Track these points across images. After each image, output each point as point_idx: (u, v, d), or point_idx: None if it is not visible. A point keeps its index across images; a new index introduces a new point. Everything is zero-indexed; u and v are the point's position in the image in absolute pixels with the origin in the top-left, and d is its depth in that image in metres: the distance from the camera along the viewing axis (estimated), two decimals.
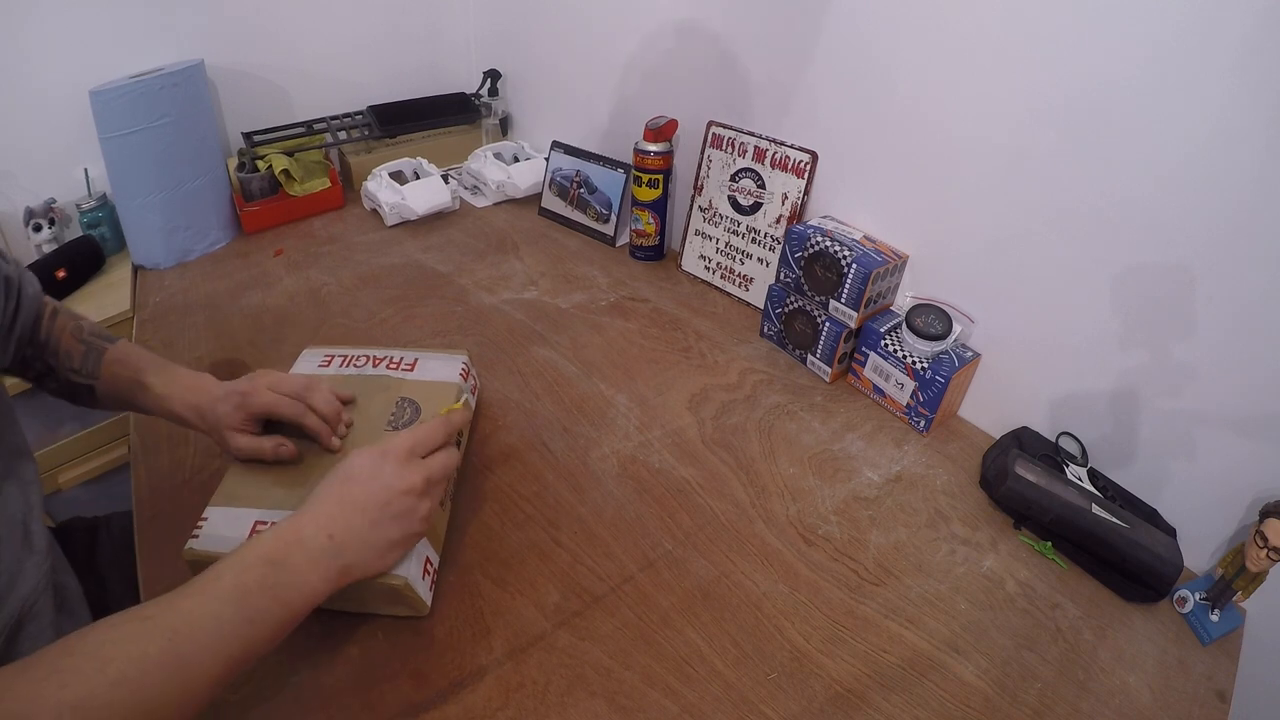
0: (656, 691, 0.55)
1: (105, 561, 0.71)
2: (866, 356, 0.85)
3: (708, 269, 1.09)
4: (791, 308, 0.91)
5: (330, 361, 0.73)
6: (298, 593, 0.46)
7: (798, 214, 0.95)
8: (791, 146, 0.94)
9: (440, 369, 0.72)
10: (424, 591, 0.57)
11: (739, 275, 1.05)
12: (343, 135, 1.33)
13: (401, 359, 0.73)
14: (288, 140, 1.27)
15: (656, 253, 1.16)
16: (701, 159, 1.05)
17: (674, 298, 1.06)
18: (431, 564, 0.59)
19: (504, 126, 1.52)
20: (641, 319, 1.00)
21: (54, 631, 0.53)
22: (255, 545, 0.46)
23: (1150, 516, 0.70)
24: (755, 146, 0.98)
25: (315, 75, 1.35)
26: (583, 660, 0.56)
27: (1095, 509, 0.66)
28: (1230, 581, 0.62)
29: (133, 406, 0.65)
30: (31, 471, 0.56)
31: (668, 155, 1.07)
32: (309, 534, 0.48)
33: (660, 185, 1.09)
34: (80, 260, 1.09)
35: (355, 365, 0.72)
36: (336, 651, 0.56)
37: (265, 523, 0.56)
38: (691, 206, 1.09)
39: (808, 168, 0.93)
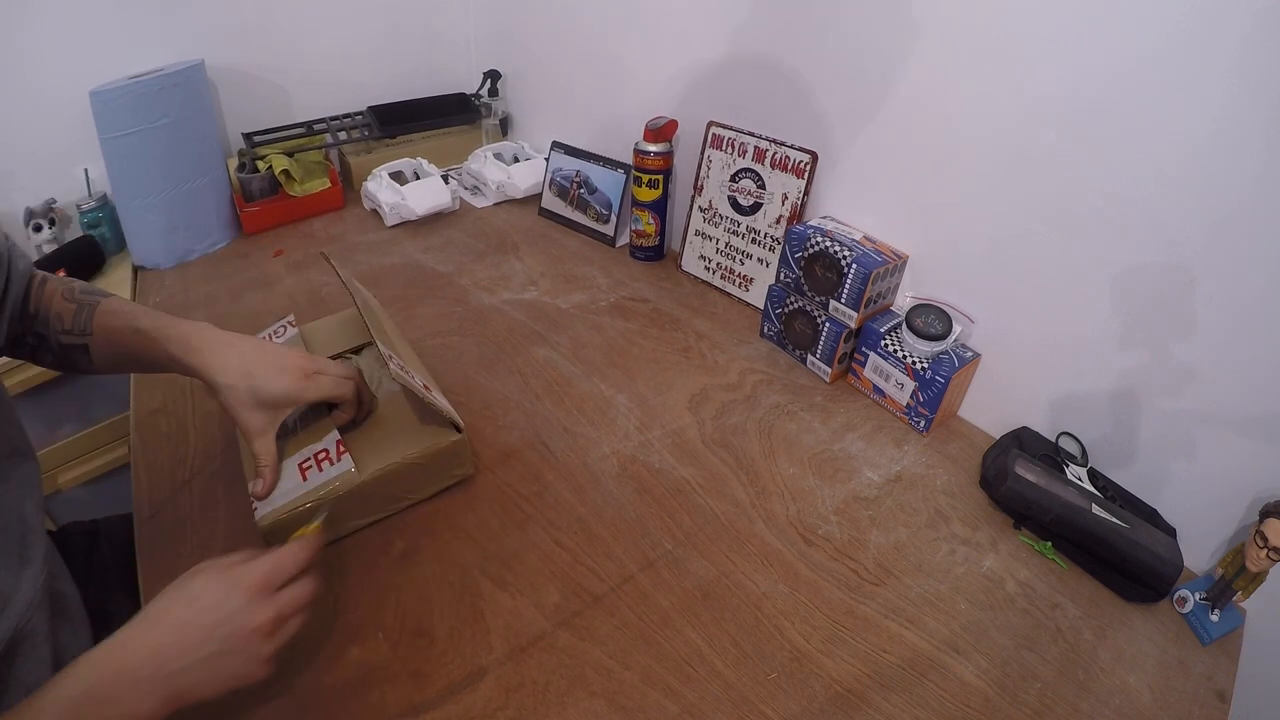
0: (656, 691, 0.55)
1: (105, 567, 0.69)
2: (866, 356, 0.85)
3: (708, 269, 1.09)
4: (791, 308, 0.91)
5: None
6: None
7: (798, 214, 0.95)
8: (791, 147, 0.94)
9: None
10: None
11: (739, 275, 1.05)
12: (343, 135, 1.33)
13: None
14: (288, 141, 1.27)
15: (656, 253, 1.16)
16: (701, 159, 1.05)
17: (674, 298, 1.06)
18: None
19: (504, 127, 1.52)
20: (641, 319, 1.00)
21: (51, 644, 0.51)
22: (76, 679, 0.42)
23: (1150, 516, 0.70)
24: (755, 147, 0.98)
25: (315, 75, 1.35)
26: (583, 660, 0.56)
27: (1095, 509, 0.66)
28: (1230, 581, 0.62)
29: (132, 359, 0.62)
30: (31, 472, 0.56)
31: (668, 155, 1.07)
32: (136, 664, 0.43)
33: (660, 185, 1.09)
34: (80, 260, 1.09)
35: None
36: (336, 651, 0.56)
37: (308, 460, 0.61)
38: (691, 207, 1.09)
39: (808, 168, 0.93)
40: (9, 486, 0.53)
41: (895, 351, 0.82)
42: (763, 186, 0.98)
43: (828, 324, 0.87)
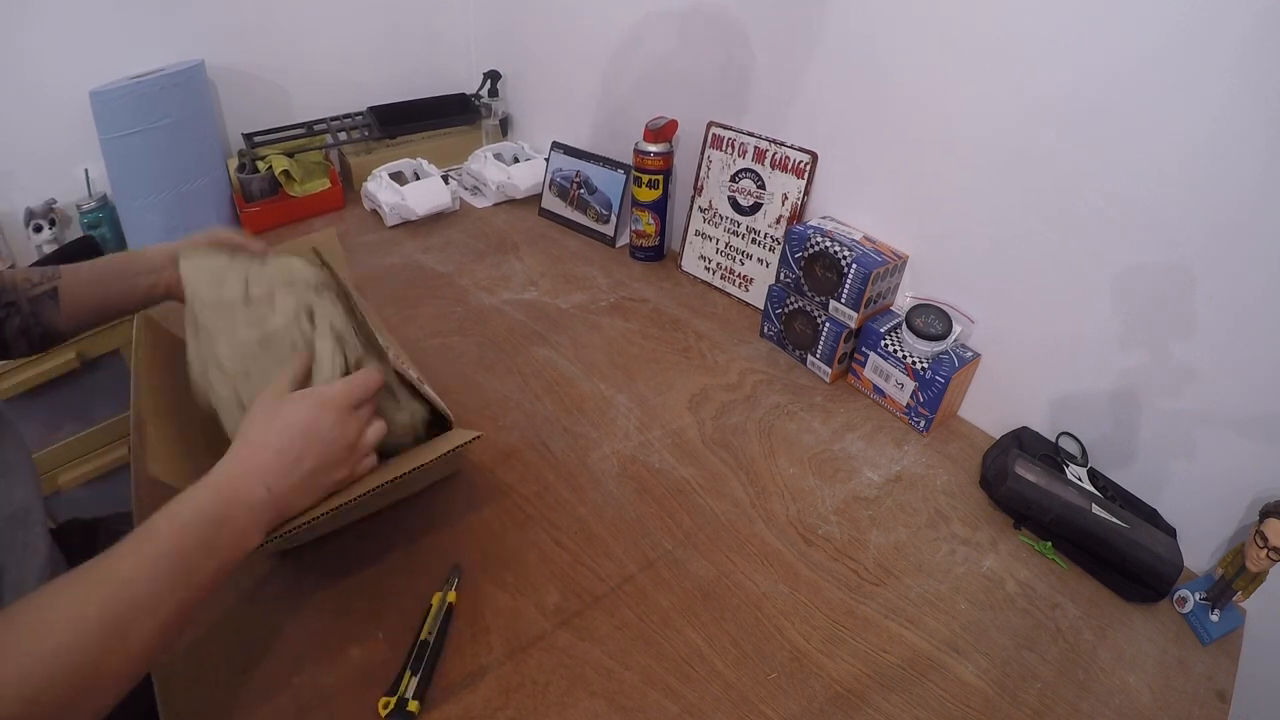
0: (656, 691, 0.55)
1: None
2: (866, 356, 0.85)
3: (708, 269, 1.09)
4: (791, 308, 0.91)
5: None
6: (235, 547, 0.46)
7: (798, 214, 0.95)
8: (791, 147, 0.94)
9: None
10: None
11: (739, 275, 1.05)
12: (343, 136, 1.33)
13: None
14: (288, 141, 1.27)
15: (656, 253, 1.16)
16: (701, 159, 1.05)
17: (674, 298, 1.06)
18: None
19: (504, 127, 1.52)
20: (641, 319, 1.00)
21: None
22: (193, 501, 0.46)
23: (1150, 516, 0.70)
24: (755, 147, 0.98)
25: (315, 76, 1.35)
26: (583, 660, 0.56)
27: (1095, 509, 0.66)
28: (1230, 581, 0.62)
29: (100, 286, 0.65)
30: (29, 474, 0.56)
31: (668, 156, 1.08)
32: (247, 488, 0.48)
33: (660, 186, 1.09)
34: (80, 260, 1.09)
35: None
36: (336, 651, 0.56)
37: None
38: (691, 207, 1.09)
39: (808, 168, 0.93)
40: (12, 485, 0.53)
41: (895, 351, 0.82)
42: (763, 186, 0.98)
43: (828, 324, 0.87)
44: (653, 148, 1.06)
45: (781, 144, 0.95)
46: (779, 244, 0.98)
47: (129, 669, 0.40)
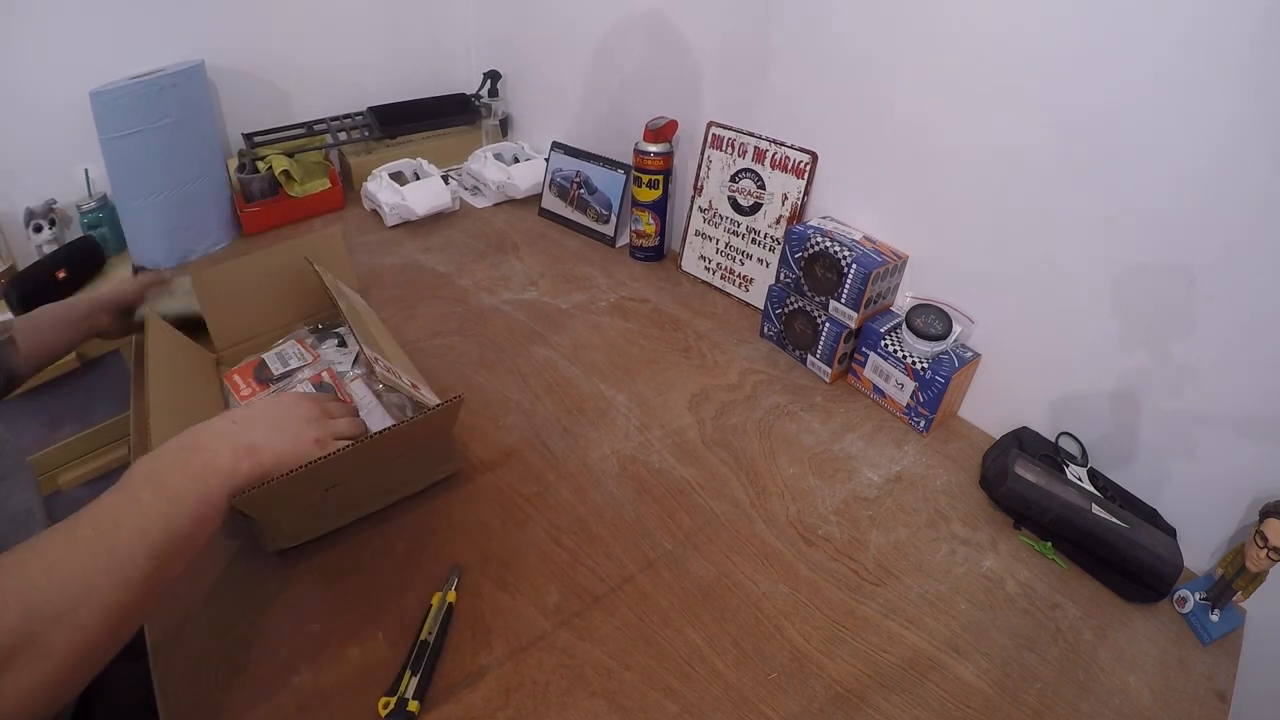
0: (656, 691, 0.55)
1: None
2: (866, 357, 0.85)
3: (708, 269, 1.09)
4: (791, 308, 0.91)
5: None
6: (209, 468, 0.48)
7: (798, 214, 0.95)
8: (791, 147, 0.94)
9: None
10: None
11: (739, 276, 1.05)
12: (343, 136, 1.33)
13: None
14: (288, 141, 1.27)
15: (656, 253, 1.16)
16: (701, 160, 1.05)
17: (674, 298, 1.06)
18: None
19: (504, 127, 1.52)
20: (641, 319, 1.00)
21: None
22: (165, 440, 0.50)
23: (1150, 516, 0.70)
24: (755, 147, 0.98)
25: (315, 76, 1.35)
26: (583, 660, 0.56)
27: (1095, 509, 0.66)
28: (1230, 581, 0.62)
29: (56, 324, 0.76)
30: (28, 476, 0.57)
31: (668, 156, 1.08)
32: (217, 424, 0.53)
33: (660, 186, 1.09)
34: (80, 261, 1.09)
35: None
36: (336, 652, 0.56)
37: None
38: (691, 207, 1.09)
39: (808, 168, 0.93)
40: (13, 487, 0.54)
41: (895, 351, 0.82)
42: (763, 187, 0.98)
43: (828, 324, 0.87)
44: (653, 148, 1.06)
45: (781, 144, 0.95)
46: (779, 244, 0.98)
47: (126, 597, 0.40)
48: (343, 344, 0.84)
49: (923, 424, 0.82)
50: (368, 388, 0.76)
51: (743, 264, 1.04)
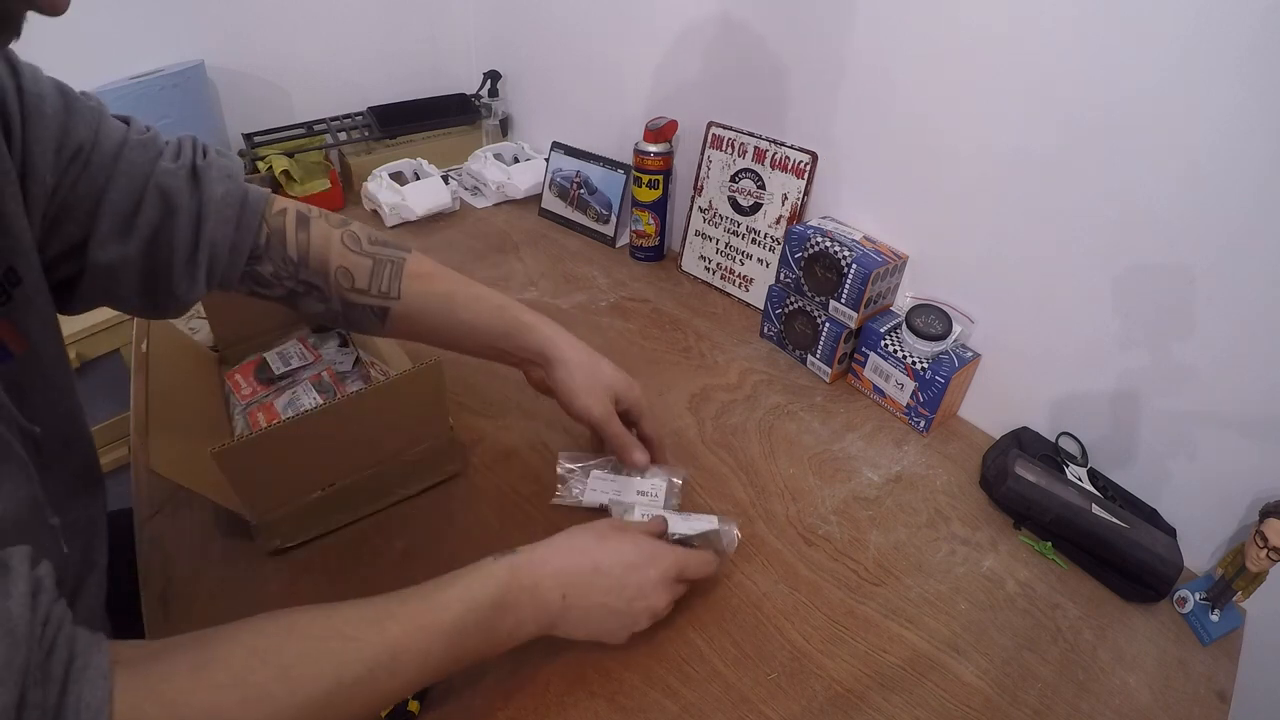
0: (656, 691, 0.55)
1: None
2: (866, 357, 0.85)
3: (708, 269, 1.10)
4: (791, 308, 0.91)
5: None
6: (510, 638, 0.45)
7: (798, 214, 0.95)
8: (791, 147, 0.94)
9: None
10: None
11: (739, 276, 1.05)
12: (343, 136, 1.33)
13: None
14: (288, 141, 1.27)
15: (656, 253, 1.16)
16: (701, 160, 1.05)
17: (674, 298, 1.06)
18: None
19: (504, 127, 1.52)
20: (642, 319, 1.00)
21: None
22: (489, 581, 0.44)
23: (1150, 516, 0.70)
24: (755, 147, 0.98)
25: (315, 76, 1.35)
26: (583, 660, 0.56)
27: (1095, 509, 0.66)
28: (1230, 581, 0.62)
29: (443, 328, 0.61)
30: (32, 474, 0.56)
31: (668, 156, 1.08)
32: (546, 587, 0.46)
33: (660, 186, 1.09)
34: None
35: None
36: None
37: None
38: (691, 207, 1.09)
39: (808, 168, 0.93)
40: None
41: (895, 351, 0.82)
42: (763, 187, 0.98)
43: (828, 324, 0.87)
44: (653, 148, 1.06)
45: (781, 144, 0.95)
46: (779, 244, 0.98)
47: (358, 711, 0.39)
48: (345, 344, 0.84)
49: (923, 424, 0.82)
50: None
51: (743, 264, 1.04)
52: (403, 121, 1.40)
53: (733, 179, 1.02)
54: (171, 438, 0.59)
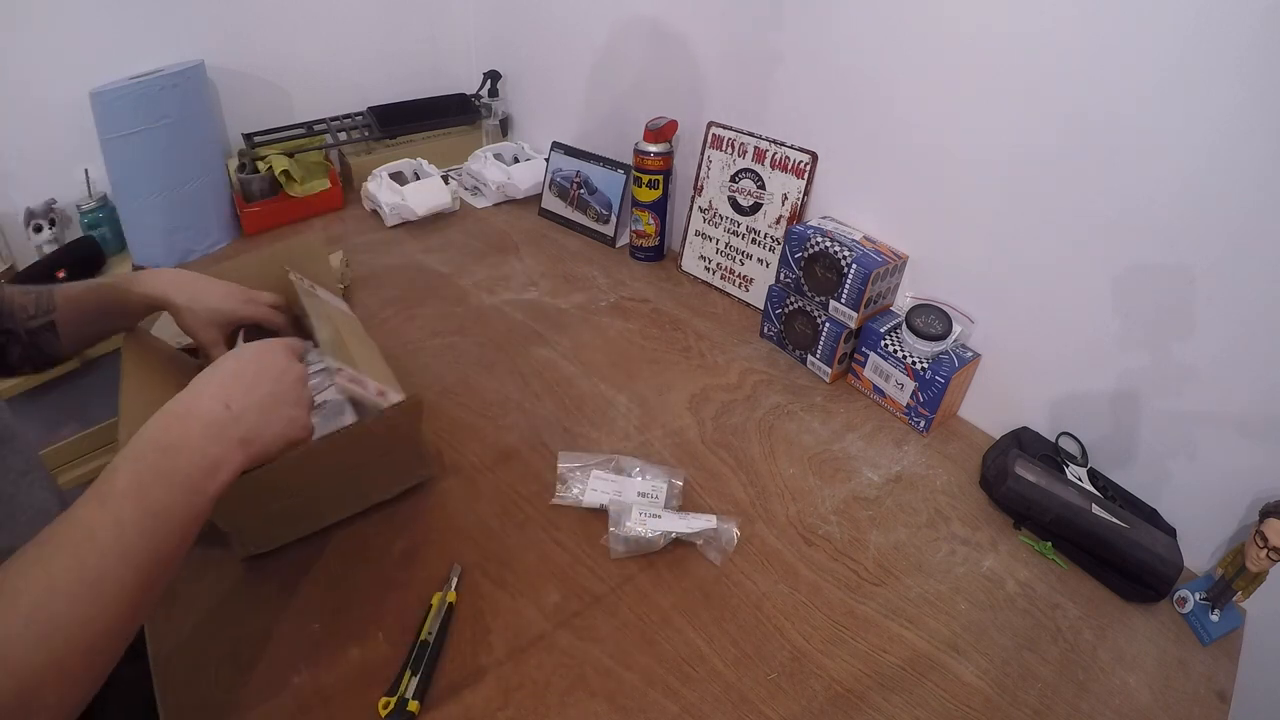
0: (656, 691, 0.55)
1: None
2: (866, 357, 0.85)
3: (708, 269, 1.09)
4: (791, 308, 0.91)
5: None
6: (199, 471, 0.43)
7: (798, 214, 0.95)
8: (791, 147, 0.94)
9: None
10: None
11: (739, 276, 1.05)
12: (343, 136, 1.33)
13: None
14: (288, 141, 1.27)
15: (656, 253, 1.16)
16: (701, 160, 1.05)
17: (674, 298, 1.06)
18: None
19: (504, 127, 1.52)
20: (642, 319, 1.00)
21: None
22: (147, 430, 0.43)
23: (1150, 516, 0.70)
24: (755, 147, 0.98)
25: (315, 76, 1.35)
26: (583, 660, 0.56)
27: (1095, 509, 0.66)
28: (1230, 581, 0.62)
29: (97, 316, 0.66)
30: (46, 475, 0.57)
31: (668, 156, 1.07)
32: (203, 406, 0.45)
33: (660, 186, 1.09)
34: (80, 261, 1.09)
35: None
36: (336, 651, 0.56)
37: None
38: (691, 207, 1.09)
39: (807, 168, 0.93)
40: (37, 482, 0.55)
41: (895, 351, 0.82)
42: (763, 187, 0.98)
43: (828, 324, 0.87)
44: (653, 148, 1.06)
45: (781, 144, 0.95)
46: (779, 244, 0.98)
47: (109, 623, 0.37)
48: (316, 344, 0.83)
49: (923, 424, 0.82)
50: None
51: (743, 264, 1.04)
52: (403, 121, 1.40)
53: (733, 179, 1.02)
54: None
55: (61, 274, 1.05)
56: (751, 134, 0.98)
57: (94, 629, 0.37)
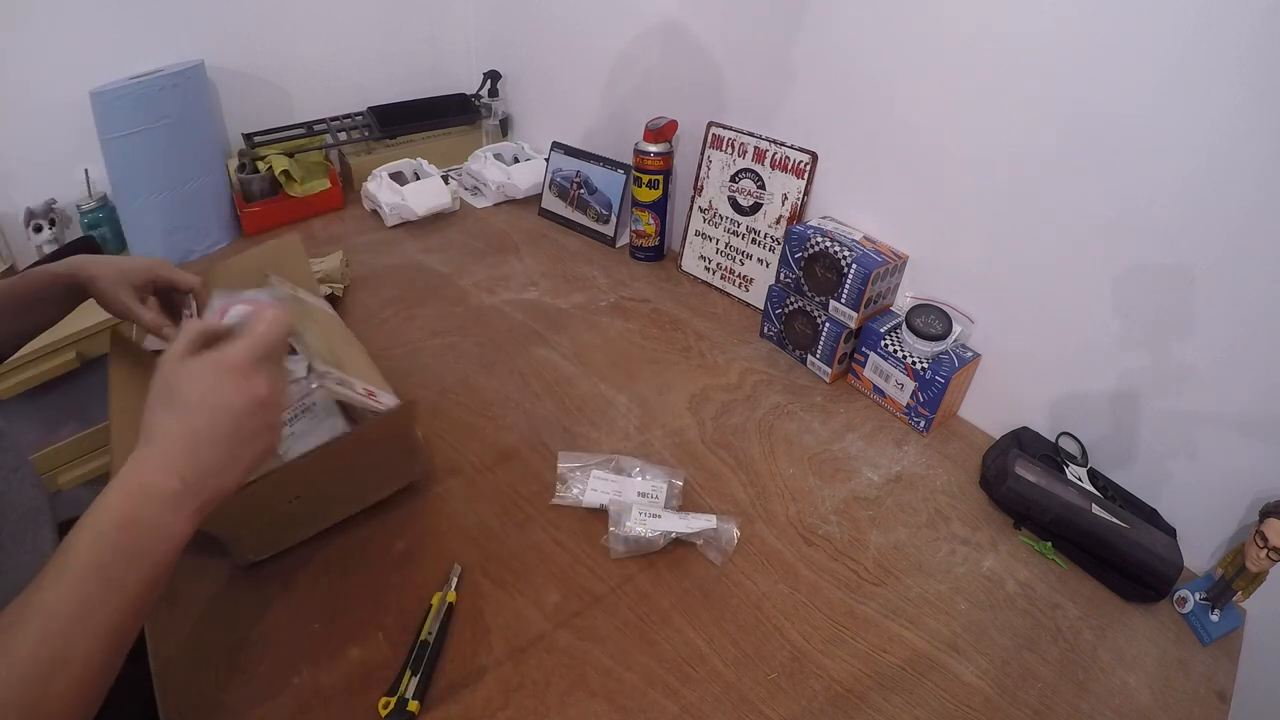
0: (656, 691, 0.55)
1: None
2: (866, 357, 0.85)
3: (708, 269, 1.09)
4: (791, 308, 0.91)
5: None
6: (162, 543, 0.42)
7: (797, 214, 0.95)
8: (791, 147, 0.94)
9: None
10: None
11: (739, 276, 1.05)
12: (343, 136, 1.33)
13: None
14: (288, 141, 1.27)
15: (656, 253, 1.16)
16: (701, 160, 1.05)
17: (674, 298, 1.06)
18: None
19: (504, 127, 1.52)
20: (642, 319, 1.00)
21: None
22: (104, 508, 0.42)
23: (1150, 516, 0.70)
24: (755, 147, 0.98)
25: (315, 76, 1.35)
26: (583, 660, 0.56)
27: (1095, 509, 0.66)
28: (1230, 581, 0.62)
29: (23, 314, 0.64)
30: (34, 474, 0.57)
31: (668, 156, 1.07)
32: (158, 482, 0.43)
33: (660, 186, 1.09)
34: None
35: None
36: (336, 651, 0.56)
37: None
38: (691, 207, 1.09)
39: (807, 168, 0.93)
40: (24, 480, 0.54)
41: (895, 351, 0.82)
42: (763, 187, 0.98)
43: (828, 324, 0.87)
44: (653, 148, 1.06)
45: (781, 144, 0.95)
46: (779, 244, 0.98)
47: (80, 695, 0.38)
48: (292, 350, 0.82)
49: (923, 424, 0.82)
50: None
51: (743, 264, 1.04)
52: (403, 121, 1.40)
53: (733, 179, 1.02)
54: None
55: None
56: (751, 134, 0.98)
57: (65, 703, 0.37)
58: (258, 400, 0.46)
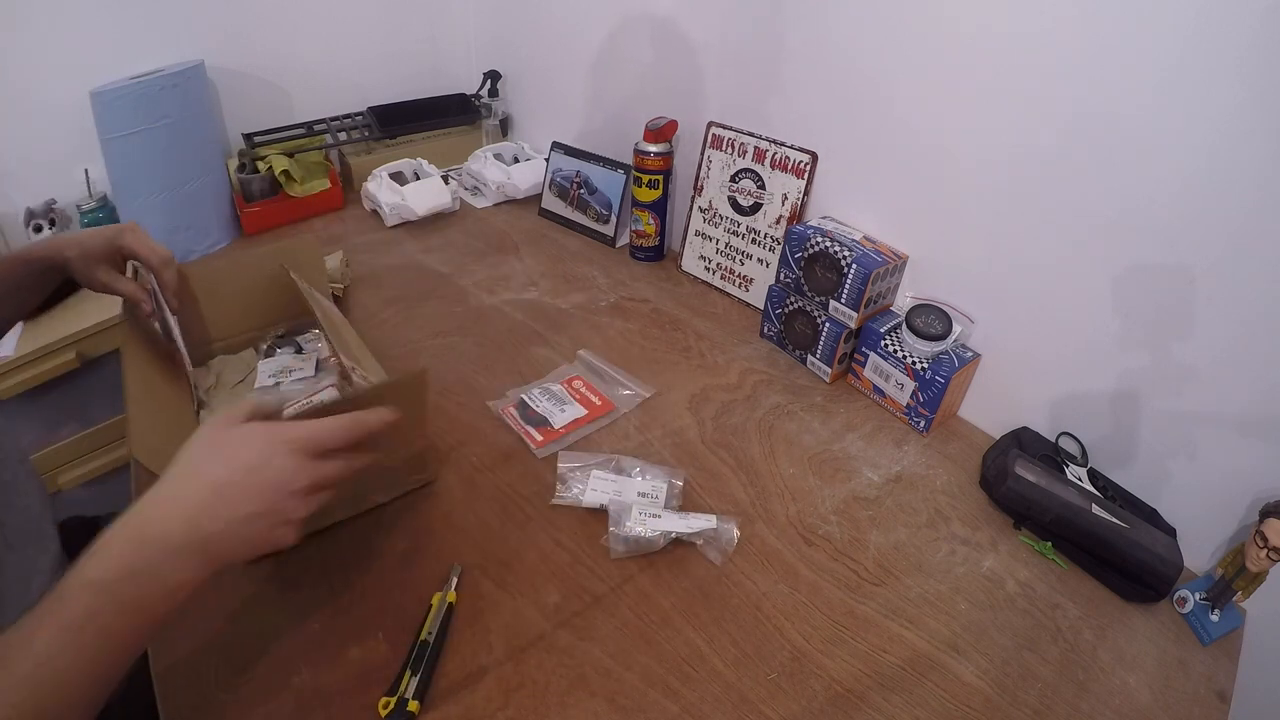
0: (656, 691, 0.55)
1: None
2: (866, 357, 0.85)
3: (708, 269, 1.09)
4: (791, 308, 0.91)
5: None
6: (163, 598, 0.41)
7: (797, 214, 0.95)
8: (791, 147, 0.94)
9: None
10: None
11: (739, 276, 1.05)
12: (343, 136, 1.33)
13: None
14: (288, 141, 1.27)
15: (656, 253, 1.16)
16: (701, 160, 1.05)
17: (674, 298, 1.06)
18: None
19: (504, 127, 1.52)
20: (641, 319, 1.00)
21: None
22: (111, 552, 0.40)
23: (1150, 516, 0.70)
24: (755, 147, 0.98)
25: (315, 76, 1.35)
26: (583, 660, 0.56)
27: (1095, 509, 0.66)
28: (1230, 581, 0.62)
29: (5, 299, 0.64)
30: (36, 475, 0.57)
31: (668, 156, 1.07)
32: (173, 530, 0.42)
33: (660, 186, 1.09)
34: None
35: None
36: (336, 652, 0.56)
37: None
38: (691, 207, 1.09)
39: (807, 168, 0.93)
40: (29, 482, 0.55)
41: (895, 351, 0.82)
42: (763, 187, 0.98)
43: (828, 324, 0.87)
44: (653, 148, 1.06)
45: (781, 144, 0.95)
46: (779, 244, 0.98)
47: None
48: (299, 350, 0.83)
49: (923, 424, 0.82)
50: (339, 394, 0.75)
51: (743, 264, 1.04)
52: (403, 121, 1.40)
53: (733, 179, 1.02)
54: (155, 426, 0.58)
55: None
56: (751, 134, 0.98)
57: None
58: (297, 487, 0.45)
